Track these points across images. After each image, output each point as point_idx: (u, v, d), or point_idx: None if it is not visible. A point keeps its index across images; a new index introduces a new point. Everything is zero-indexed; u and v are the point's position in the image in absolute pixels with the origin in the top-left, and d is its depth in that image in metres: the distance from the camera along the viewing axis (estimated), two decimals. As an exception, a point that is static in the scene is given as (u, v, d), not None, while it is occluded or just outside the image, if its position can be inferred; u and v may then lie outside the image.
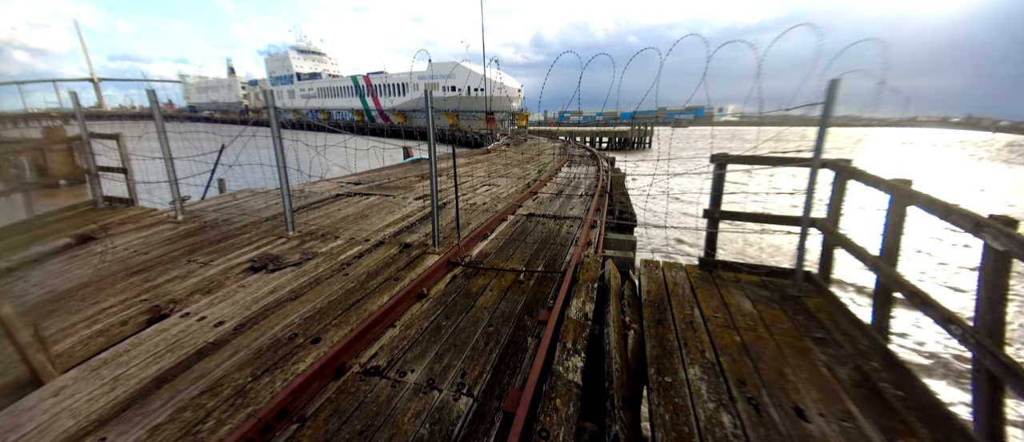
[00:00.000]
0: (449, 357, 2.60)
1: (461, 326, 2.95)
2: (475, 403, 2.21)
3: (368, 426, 2.04)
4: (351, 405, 2.19)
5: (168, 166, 5.62)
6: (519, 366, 2.54)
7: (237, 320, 2.97)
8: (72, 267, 4.06)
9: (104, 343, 2.80)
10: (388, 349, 2.68)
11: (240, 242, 4.68)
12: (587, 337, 2.66)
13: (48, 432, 2.00)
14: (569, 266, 3.92)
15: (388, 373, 2.44)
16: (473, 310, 3.18)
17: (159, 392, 2.25)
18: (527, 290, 3.55)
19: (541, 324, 3.01)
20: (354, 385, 2.34)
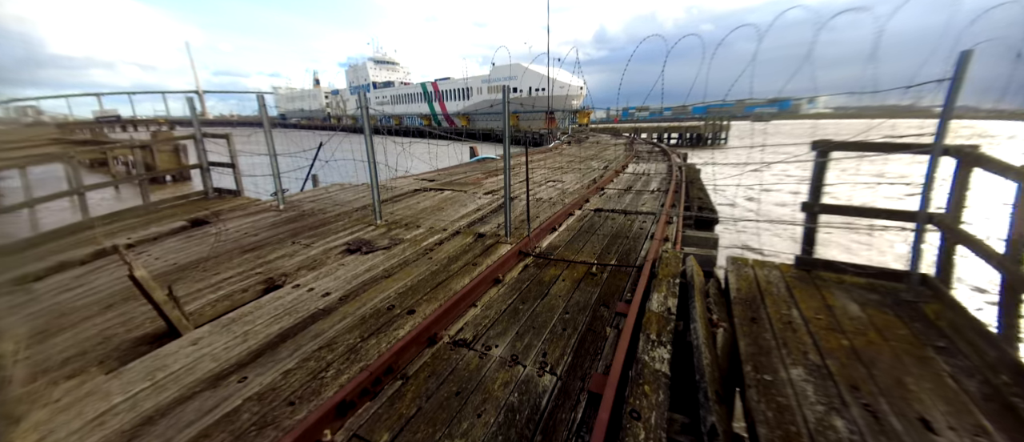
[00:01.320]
0: (529, 337, 2.67)
1: (537, 311, 3.02)
2: (559, 381, 2.26)
3: (462, 389, 2.18)
4: (445, 370, 2.34)
5: (273, 162, 6.34)
6: (599, 353, 2.54)
7: (341, 292, 3.30)
8: (190, 245, 4.73)
9: (229, 306, 3.24)
10: (472, 325, 2.82)
11: (335, 228, 5.16)
12: (672, 331, 2.60)
13: (194, 371, 2.38)
14: (645, 261, 3.84)
15: (474, 346, 2.57)
16: (548, 297, 3.23)
17: (284, 345, 2.58)
18: (601, 283, 3.53)
19: (619, 316, 2.99)
20: (446, 353, 2.50)
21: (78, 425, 2.01)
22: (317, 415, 1.87)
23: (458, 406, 2.07)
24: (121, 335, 2.84)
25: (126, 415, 2.06)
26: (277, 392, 2.17)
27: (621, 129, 40.73)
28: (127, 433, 1.96)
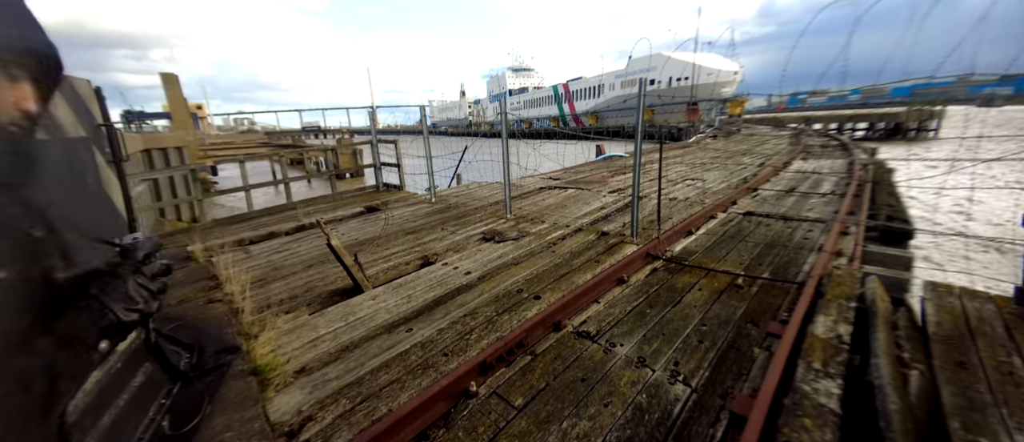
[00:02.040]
0: (658, 343, 2.55)
1: (667, 318, 2.85)
2: (694, 394, 2.11)
3: (587, 377, 2.23)
4: (570, 355, 2.42)
5: (428, 163, 7.38)
6: (744, 374, 2.28)
7: (479, 272, 3.69)
8: (366, 226, 5.78)
9: (396, 274, 3.89)
10: (595, 320, 2.82)
11: (474, 219, 5.76)
12: (843, 363, 2.18)
13: (374, 319, 2.96)
14: (809, 277, 3.28)
15: (598, 340, 2.58)
16: (680, 305, 3.03)
17: (437, 309, 3.03)
18: (748, 297, 3.15)
19: (772, 337, 2.62)
20: (570, 341, 2.57)
21: (297, 345, 2.71)
22: (465, 368, 2.16)
23: (584, 391, 2.11)
24: (321, 287, 3.68)
25: (330, 343, 2.69)
26: (434, 344, 2.57)
27: (786, 119, 33.99)
28: (333, 354, 2.57)
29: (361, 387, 2.22)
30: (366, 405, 2.09)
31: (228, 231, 5.96)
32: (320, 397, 2.17)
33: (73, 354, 0.57)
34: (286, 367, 2.47)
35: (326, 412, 2.07)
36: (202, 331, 2.91)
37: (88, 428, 1.78)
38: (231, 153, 25.14)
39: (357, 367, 2.40)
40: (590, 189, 7.75)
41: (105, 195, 2.06)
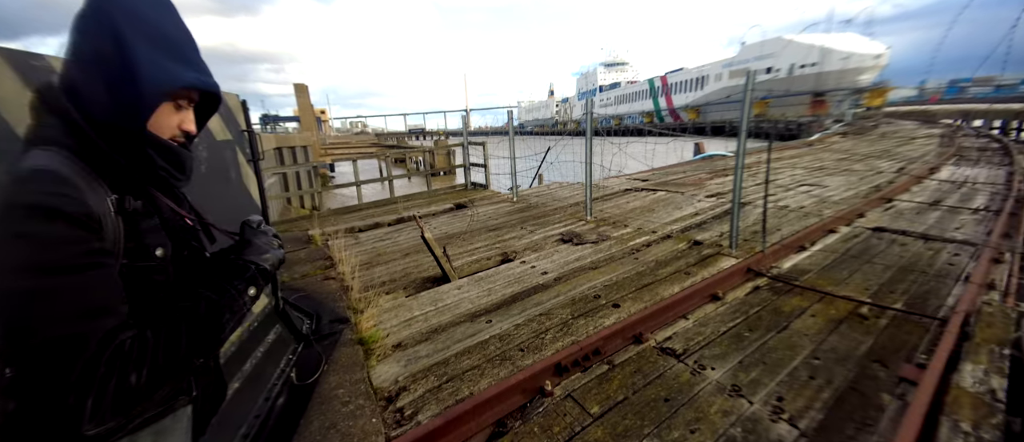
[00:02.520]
0: (757, 372, 2.30)
1: (770, 345, 2.56)
2: (802, 437, 1.87)
3: (671, 398, 2.10)
4: (652, 371, 2.31)
5: (512, 163, 7.63)
6: (870, 424, 1.95)
7: (555, 273, 3.73)
8: (454, 221, 6.17)
9: (479, 267, 4.11)
10: (682, 337, 2.66)
11: (553, 220, 5.81)
12: (999, 427, 1.75)
13: (459, 307, 3.19)
14: (953, 312, 2.69)
15: (685, 359, 2.42)
16: (787, 332, 2.69)
17: (514, 305, 3.15)
18: (874, 330, 2.69)
19: (906, 383, 2.21)
20: (652, 356, 2.46)
21: (395, 322, 3.04)
22: (540, 366, 2.22)
23: (667, 412, 2.01)
24: (415, 274, 4.05)
25: (421, 324, 2.98)
26: (511, 338, 2.69)
27: (939, 113, 27.56)
28: (424, 334, 2.85)
29: (447, 368, 2.42)
30: (451, 385, 2.27)
31: (341, 220, 6.85)
32: (413, 371, 2.42)
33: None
34: (386, 341, 2.79)
35: (417, 385, 2.30)
36: (320, 302, 3.42)
37: (234, 372, 2.23)
38: (345, 152, 28.79)
39: (443, 349, 2.62)
40: (683, 192, 7.25)
41: (244, 187, 2.55)
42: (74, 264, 0.60)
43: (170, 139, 0.74)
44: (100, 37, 0.65)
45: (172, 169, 0.75)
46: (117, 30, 0.65)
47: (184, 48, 0.73)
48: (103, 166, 0.68)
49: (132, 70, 0.65)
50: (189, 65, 0.72)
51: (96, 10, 0.65)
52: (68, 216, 0.59)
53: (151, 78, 0.66)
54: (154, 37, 0.68)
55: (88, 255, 0.61)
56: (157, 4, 0.71)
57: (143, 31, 0.66)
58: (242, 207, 2.49)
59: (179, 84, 0.70)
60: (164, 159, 0.73)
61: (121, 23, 0.65)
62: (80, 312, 0.59)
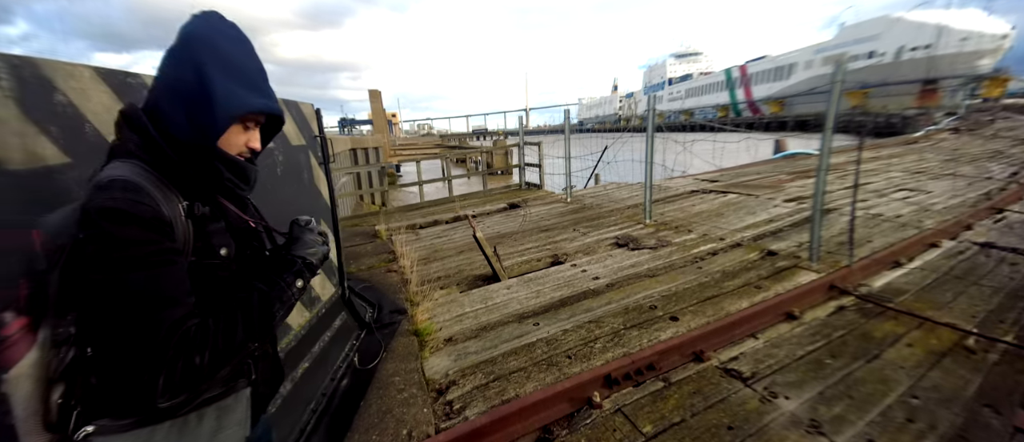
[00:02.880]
0: (841, 407, 2.02)
1: (857, 376, 2.24)
2: None
3: (736, 426, 1.92)
4: (714, 394, 2.14)
5: (566, 163, 7.53)
6: None
7: (608, 279, 3.61)
8: (507, 221, 6.22)
9: (528, 268, 4.11)
10: (751, 359, 2.42)
11: (608, 222, 5.64)
12: None
13: (507, 306, 3.21)
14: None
15: (753, 383, 2.20)
16: (877, 362, 2.35)
17: (563, 309, 3.09)
18: (984, 367, 2.26)
19: (1021, 434, 1.83)
20: (714, 377, 2.27)
21: (448, 316, 3.15)
22: (588, 376, 2.15)
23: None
24: (467, 271, 4.15)
25: (471, 321, 3.04)
26: (559, 343, 2.64)
27: None
28: (474, 330, 2.91)
29: (494, 366, 2.45)
30: (497, 384, 2.29)
31: (405, 216, 7.23)
32: (462, 366, 2.49)
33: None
34: (438, 334, 2.90)
35: (466, 381, 2.35)
36: (382, 293, 3.64)
37: (304, 353, 2.45)
38: (412, 153, 30.39)
39: (491, 348, 2.65)
40: (757, 195, 6.64)
41: (315, 187, 2.79)
42: (146, 261, 0.69)
43: (237, 155, 0.85)
44: (185, 67, 0.75)
45: (237, 180, 0.85)
46: (199, 63, 0.75)
47: (254, 77, 0.82)
48: (175, 176, 0.78)
49: (208, 96, 0.75)
50: (257, 92, 0.82)
51: (185, 45, 0.76)
52: (140, 220, 0.69)
53: (224, 103, 0.76)
54: (229, 68, 0.78)
55: (159, 254, 0.70)
56: (235, 39, 0.81)
57: (221, 63, 0.76)
58: (313, 205, 2.72)
59: (247, 109, 0.80)
60: (231, 172, 0.83)
61: (204, 57, 0.75)
62: (152, 303, 0.68)
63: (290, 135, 2.45)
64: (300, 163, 2.52)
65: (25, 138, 0.93)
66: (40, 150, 0.97)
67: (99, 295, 0.67)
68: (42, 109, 0.99)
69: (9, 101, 0.90)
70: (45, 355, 0.70)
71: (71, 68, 1.10)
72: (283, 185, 2.29)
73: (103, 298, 0.67)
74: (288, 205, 2.31)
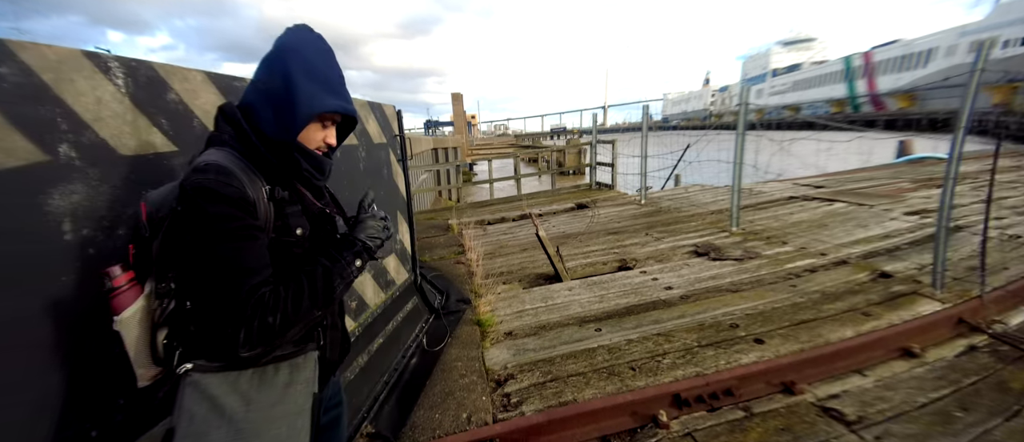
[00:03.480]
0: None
1: (995, 437, 1.80)
2: None
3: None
4: (808, 434, 1.83)
5: (642, 162, 7.16)
6: None
7: (682, 290, 3.34)
8: (573, 221, 6.09)
9: (592, 271, 3.99)
10: (856, 399, 2.05)
11: (686, 228, 5.25)
12: None
13: (569, 308, 3.15)
14: None
15: (860, 430, 1.85)
16: (1018, 421, 1.85)
17: (628, 317, 2.94)
18: None
19: None
20: (808, 415, 1.96)
21: (509, 311, 3.18)
22: (655, 391, 2.01)
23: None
24: (529, 269, 4.15)
25: (531, 318, 3.04)
26: (622, 353, 2.51)
27: None
28: (533, 328, 2.91)
29: (551, 367, 2.41)
30: (554, 385, 2.25)
31: (475, 212, 7.48)
32: (520, 362, 2.49)
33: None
34: (499, 327, 2.94)
35: (523, 376, 2.35)
36: (450, 282, 3.80)
37: (379, 330, 2.63)
38: (488, 153, 31.37)
39: (549, 347, 2.61)
40: (871, 205, 5.66)
41: (393, 182, 2.98)
42: (232, 235, 0.80)
43: (315, 149, 0.95)
44: (275, 72, 0.87)
45: (314, 171, 0.95)
46: (287, 69, 0.86)
47: (333, 82, 0.92)
48: (261, 164, 0.89)
49: (292, 97, 0.86)
50: (335, 95, 0.92)
51: (277, 53, 0.88)
52: (228, 199, 0.80)
53: (305, 103, 0.87)
54: (312, 74, 0.88)
55: (242, 229, 0.81)
56: (319, 50, 0.92)
57: (305, 69, 0.87)
58: (391, 198, 2.93)
59: (324, 109, 0.90)
60: (308, 163, 0.94)
61: (291, 64, 0.86)
62: (235, 270, 0.80)
63: (373, 134, 2.66)
64: (381, 159, 2.73)
65: (138, 129, 1.13)
66: (151, 139, 1.17)
67: (193, 260, 0.81)
68: (155, 105, 1.19)
69: (125, 97, 1.10)
70: (150, 304, 0.86)
71: (186, 72, 1.30)
72: (365, 178, 2.49)
73: (196, 262, 0.80)
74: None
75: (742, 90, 4.94)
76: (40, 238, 0.87)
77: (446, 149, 21.53)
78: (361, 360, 2.33)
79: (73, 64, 0.96)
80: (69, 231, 0.92)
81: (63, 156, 0.92)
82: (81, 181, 0.95)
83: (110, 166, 1.03)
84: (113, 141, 1.05)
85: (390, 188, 2.91)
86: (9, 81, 0.82)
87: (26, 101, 0.85)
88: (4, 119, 0.81)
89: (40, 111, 0.88)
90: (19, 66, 0.84)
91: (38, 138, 0.87)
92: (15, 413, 0.84)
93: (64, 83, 0.93)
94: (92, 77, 1.00)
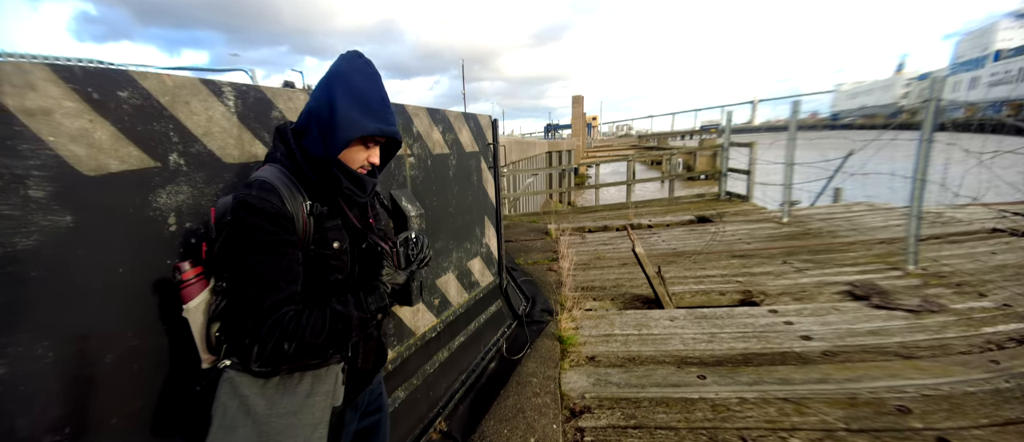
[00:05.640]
0: None
1: None
2: None
3: None
4: None
5: (787, 171, 5.95)
6: None
7: (826, 344, 2.59)
8: (689, 237, 5.35)
9: (704, 301, 3.42)
10: None
11: (841, 259, 4.14)
12: None
13: (667, 342, 2.74)
14: None
15: None
16: None
17: (745, 369, 2.38)
18: None
19: None
20: None
21: (595, 332, 2.93)
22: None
23: None
24: (626, 287, 3.77)
25: (619, 346, 2.73)
26: (730, 414, 2.02)
27: None
28: (620, 358, 2.60)
29: (637, 411, 2.09)
30: (637, 434, 1.94)
31: (578, 218, 7.23)
32: (601, 394, 2.24)
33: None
34: (582, 349, 2.72)
35: (602, 412, 2.10)
36: (538, 289, 3.69)
37: (461, 328, 2.66)
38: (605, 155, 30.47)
39: (637, 386, 2.28)
40: None
41: (483, 188, 2.97)
42: (262, 247, 0.85)
43: (358, 169, 0.99)
44: (323, 96, 0.93)
45: (355, 189, 0.99)
46: (332, 93, 0.92)
47: (375, 106, 0.96)
48: (304, 181, 0.95)
49: (334, 122, 0.91)
50: (375, 118, 0.95)
51: (326, 79, 0.95)
52: (264, 213, 0.85)
53: (344, 128, 0.91)
54: (354, 98, 0.93)
55: (273, 243, 0.86)
56: (365, 74, 0.96)
57: (348, 94, 0.93)
58: (479, 202, 2.97)
59: (362, 132, 0.94)
60: (349, 182, 0.97)
61: (335, 88, 0.92)
62: (259, 282, 0.84)
63: (465, 143, 2.73)
64: (470, 167, 2.80)
65: (242, 142, 1.31)
66: (253, 150, 1.34)
67: (230, 265, 0.87)
68: (259, 121, 1.37)
69: (232, 115, 1.28)
70: (211, 299, 0.96)
71: (291, 93, 1.48)
72: (454, 184, 2.57)
73: (230, 269, 0.87)
74: (456, 199, 2.61)
75: (931, 82, 3.64)
76: (149, 226, 1.04)
77: (560, 152, 21.55)
78: (441, 356, 2.38)
79: (190, 89, 1.13)
80: (173, 224, 1.09)
81: (172, 163, 1.09)
82: (187, 184, 1.12)
83: (215, 172, 1.20)
84: (219, 152, 1.21)
85: (479, 193, 2.95)
86: (129, 103, 0.99)
87: (142, 119, 1.02)
88: (120, 133, 0.98)
89: (154, 127, 1.04)
90: (139, 91, 1.01)
91: (150, 148, 1.04)
92: (138, 365, 1.02)
93: (179, 104, 1.10)
94: (206, 100, 1.18)
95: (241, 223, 0.85)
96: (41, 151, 0.84)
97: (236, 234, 0.85)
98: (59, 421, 0.89)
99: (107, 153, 0.95)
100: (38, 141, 0.83)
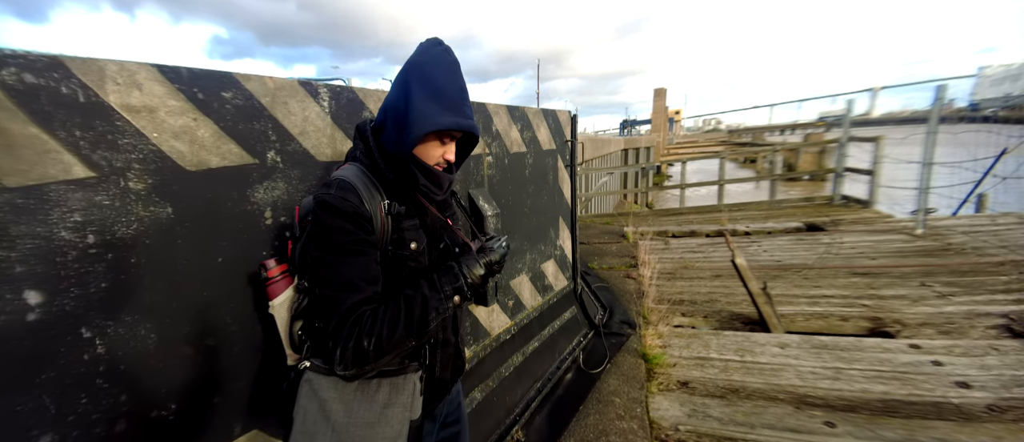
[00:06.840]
0: None
1: None
2: None
3: None
4: None
5: (923, 172, 4.90)
6: None
7: (989, 395, 2.00)
8: (797, 248, 4.62)
9: (823, 327, 2.88)
10: None
11: (993, 283, 3.26)
12: None
13: (778, 376, 2.31)
14: None
15: None
16: None
17: (887, 420, 1.92)
18: None
19: None
20: None
21: (687, 353, 2.60)
22: None
23: None
24: (722, 304, 3.34)
25: (718, 373, 2.39)
26: None
27: None
28: (719, 388, 2.26)
29: (740, 453, 1.80)
30: (739, 482, 1.66)
31: (659, 221, 6.72)
32: (697, 427, 1.97)
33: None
34: (672, 371, 2.44)
35: (697, 451, 1.84)
36: (615, 298, 3.43)
37: (534, 332, 2.54)
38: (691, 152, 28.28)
39: (745, 425, 1.95)
40: None
41: (558, 187, 2.80)
42: (341, 247, 0.83)
43: (434, 165, 0.94)
44: (399, 90, 0.89)
45: (431, 186, 0.95)
46: (408, 86, 0.87)
47: (453, 98, 0.89)
48: (382, 179, 0.92)
49: (408, 116, 0.86)
50: (452, 112, 0.89)
51: (403, 71, 0.90)
52: (343, 213, 0.83)
53: (418, 122, 0.86)
54: (430, 90, 0.87)
55: (352, 243, 0.84)
56: (444, 65, 0.90)
57: (424, 87, 0.87)
58: (554, 202, 2.82)
59: (437, 127, 0.88)
60: (426, 178, 0.93)
61: (412, 82, 0.87)
62: (339, 283, 0.82)
63: (543, 140, 2.60)
64: (547, 165, 2.68)
65: (334, 140, 1.32)
66: (344, 148, 1.35)
67: (311, 267, 0.87)
68: (352, 120, 1.38)
69: (327, 115, 1.30)
70: (294, 297, 0.96)
71: (381, 93, 1.45)
72: (529, 183, 2.47)
73: (311, 270, 0.87)
74: (531, 199, 2.50)
75: None
76: (247, 220, 1.07)
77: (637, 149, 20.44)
78: (516, 359, 2.29)
79: (289, 91, 1.16)
80: (269, 217, 1.12)
81: (269, 161, 1.11)
82: (283, 180, 1.14)
83: (309, 169, 1.22)
84: (313, 150, 1.23)
85: (554, 193, 2.80)
86: (232, 103, 1.02)
87: (243, 118, 1.04)
88: (222, 131, 1.01)
89: (254, 126, 1.07)
90: (242, 92, 1.04)
91: (249, 146, 1.06)
92: (238, 348, 1.06)
93: (278, 105, 1.12)
94: (303, 100, 1.20)
95: (321, 223, 0.83)
96: (143, 146, 0.87)
97: (316, 234, 0.84)
98: (163, 398, 0.93)
99: (208, 149, 0.97)
100: (140, 136, 0.87)
